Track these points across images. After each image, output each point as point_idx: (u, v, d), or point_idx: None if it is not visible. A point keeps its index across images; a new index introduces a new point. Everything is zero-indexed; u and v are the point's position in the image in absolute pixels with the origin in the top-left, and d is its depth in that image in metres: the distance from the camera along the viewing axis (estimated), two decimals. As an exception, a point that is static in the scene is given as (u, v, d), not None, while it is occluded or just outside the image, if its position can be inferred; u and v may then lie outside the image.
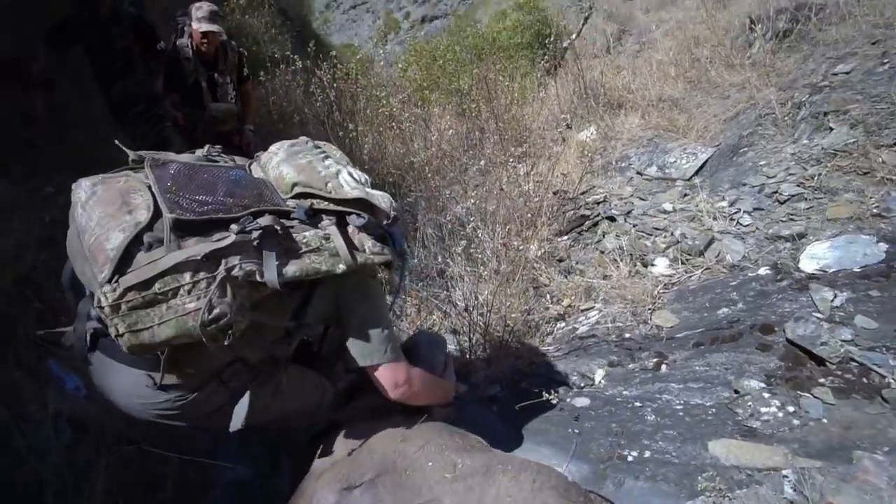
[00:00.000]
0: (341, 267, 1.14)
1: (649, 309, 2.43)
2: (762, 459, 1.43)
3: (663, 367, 2.06)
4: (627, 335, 2.34)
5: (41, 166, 2.71)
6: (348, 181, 1.23)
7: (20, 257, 1.94)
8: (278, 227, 1.11)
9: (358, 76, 5.02)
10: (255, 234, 1.07)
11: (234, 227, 1.08)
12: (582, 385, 2.10)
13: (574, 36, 6.48)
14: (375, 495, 1.20)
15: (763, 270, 2.39)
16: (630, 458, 1.58)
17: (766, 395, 1.64)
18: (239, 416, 1.20)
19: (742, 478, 1.38)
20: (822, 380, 1.64)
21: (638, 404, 1.84)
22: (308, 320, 1.26)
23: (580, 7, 7.34)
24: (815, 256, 2.30)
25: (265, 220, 1.10)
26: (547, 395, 2.05)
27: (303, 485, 1.34)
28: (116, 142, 1.34)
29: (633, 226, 3.16)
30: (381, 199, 1.25)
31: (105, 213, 1.06)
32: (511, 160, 3.57)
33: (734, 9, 5.10)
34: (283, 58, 4.88)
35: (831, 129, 3.02)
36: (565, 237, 3.38)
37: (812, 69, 3.65)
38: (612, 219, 3.32)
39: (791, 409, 1.57)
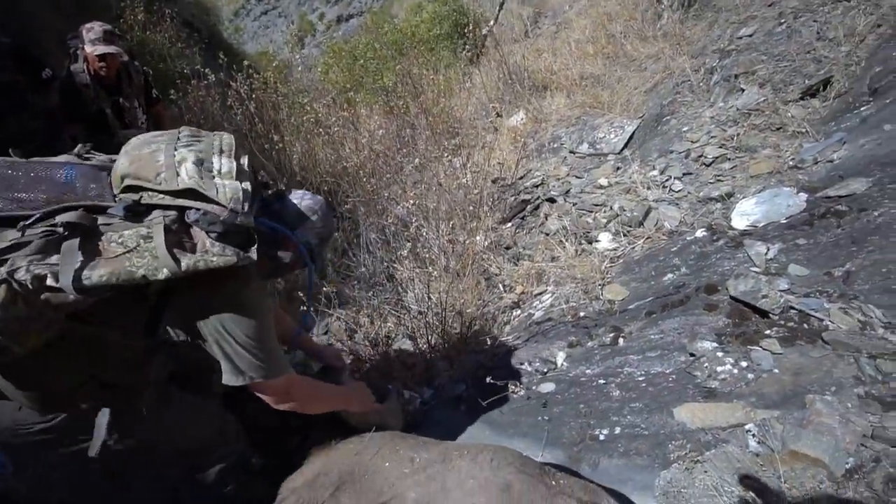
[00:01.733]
0: (164, 272, 0.96)
1: (599, 285, 2.47)
2: (725, 418, 1.46)
3: (620, 340, 2.09)
4: (582, 314, 2.36)
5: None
6: (187, 170, 1.05)
7: None
8: (86, 224, 0.96)
9: (277, 84, 4.82)
10: (56, 231, 0.94)
11: (21, 223, 0.95)
12: (545, 370, 2.10)
13: (492, 23, 6.52)
14: None
15: (700, 233, 2.48)
16: (602, 437, 1.59)
17: (720, 354, 1.69)
18: (96, 441, 1.09)
19: (709, 439, 1.41)
20: (767, 331, 1.71)
21: (602, 381, 1.85)
22: (163, 337, 1.12)
23: (494, -7, 7.41)
24: (745, 213, 2.41)
25: (66, 216, 0.96)
26: (513, 387, 2.03)
27: None
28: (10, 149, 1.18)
29: (574, 204, 3.20)
30: (222, 189, 1.05)
31: None
32: (445, 154, 3.53)
33: (640, -17, 5.31)
34: (193, 72, 4.61)
35: (743, 90, 3.18)
36: (509, 224, 3.39)
37: (719, 35, 3.83)
38: (552, 200, 3.35)
39: (744, 364, 1.62)
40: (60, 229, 0.94)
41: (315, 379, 1.75)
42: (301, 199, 1.36)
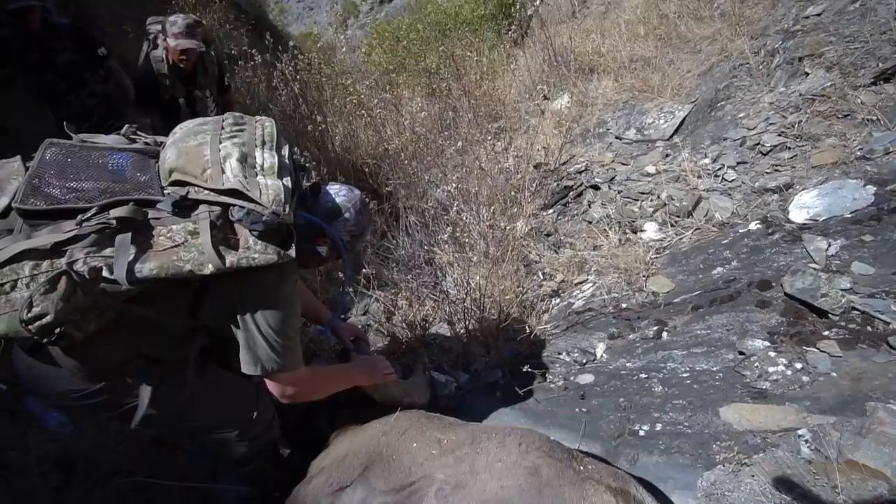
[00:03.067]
0: (209, 267, 1.00)
1: (643, 276, 2.39)
2: (776, 421, 1.40)
3: (664, 334, 2.03)
4: (624, 305, 2.30)
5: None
6: (232, 167, 1.07)
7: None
8: (139, 218, 1.00)
9: (321, 65, 4.84)
10: (109, 225, 0.97)
11: (80, 217, 0.98)
12: (584, 361, 2.06)
13: (538, 2, 6.33)
14: (368, 486, 1.17)
15: (754, 225, 2.36)
16: (642, 433, 1.55)
17: (772, 353, 1.62)
18: (138, 412, 1.15)
19: (757, 442, 1.36)
20: (826, 332, 1.62)
21: (643, 376, 1.80)
22: (203, 321, 1.16)
23: (541, -28, 7.17)
24: (805, 206, 2.28)
25: (119, 211, 0.99)
26: (550, 377, 2.01)
27: (294, 491, 1.29)
28: (64, 123, 1.25)
29: (618, 192, 3.11)
30: (266, 188, 1.07)
31: None
32: (488, 137, 3.48)
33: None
34: (240, 53, 4.68)
35: (807, 74, 2.98)
36: (551, 210, 3.32)
37: (782, 14, 3.59)
38: (596, 187, 3.27)
39: (798, 365, 1.54)
40: (114, 223, 0.97)
41: (320, 364, 1.78)
42: (337, 193, 1.38)
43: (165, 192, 1.08)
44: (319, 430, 1.64)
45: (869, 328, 1.58)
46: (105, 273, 0.94)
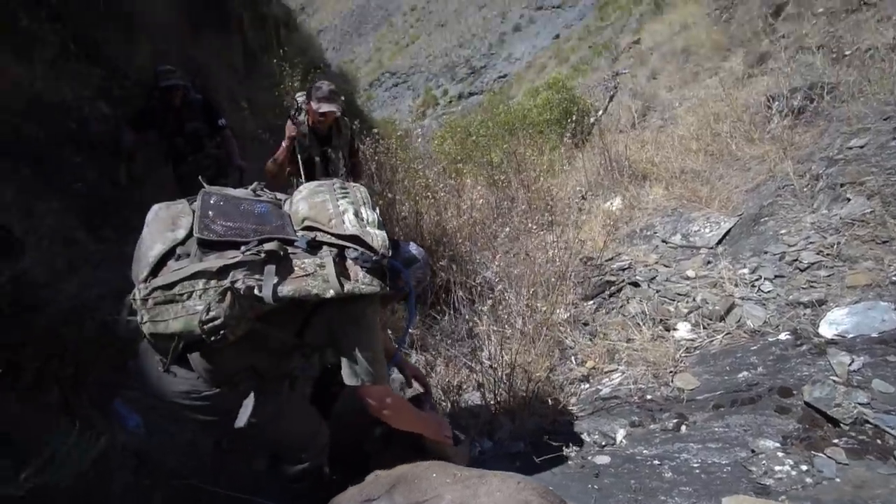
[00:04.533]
0: (330, 292, 1.31)
1: (671, 371, 2.50)
2: (775, 516, 1.47)
3: (683, 427, 2.11)
4: (649, 397, 2.40)
5: (120, 225, 3.10)
6: (350, 220, 1.43)
7: (101, 307, 2.23)
8: (281, 252, 1.33)
9: (398, 150, 5.46)
10: (261, 255, 1.30)
11: (243, 248, 1.32)
12: (603, 444, 2.17)
13: (600, 112, 6.87)
14: (391, 500, 1.36)
15: (783, 335, 2.45)
16: (647, 513, 1.64)
17: (780, 454, 1.69)
18: (243, 415, 1.39)
19: (754, 533, 1.43)
20: (836, 440, 1.68)
21: (657, 462, 1.90)
22: (308, 339, 1.45)
23: (606, 86, 7.82)
24: (835, 322, 2.36)
25: (270, 246, 1.32)
26: (568, 453, 2.12)
27: (331, 500, 1.49)
28: (200, 178, 1.66)
29: (657, 291, 3.26)
30: (375, 237, 1.42)
31: (157, 229, 1.38)
32: (539, 228, 3.78)
33: (752, 88, 5.38)
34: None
35: (848, 199, 3.13)
36: (591, 302, 3.50)
37: (828, 143, 3.80)
38: (635, 284, 3.44)
39: (804, 467, 1.61)
40: (265, 255, 1.31)
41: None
42: (410, 247, 1.75)
43: (299, 233, 1.44)
44: (366, 458, 1.85)
45: (878, 441, 1.64)
46: (256, 291, 1.27)
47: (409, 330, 1.96)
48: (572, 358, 2.91)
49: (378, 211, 1.58)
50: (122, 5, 4.83)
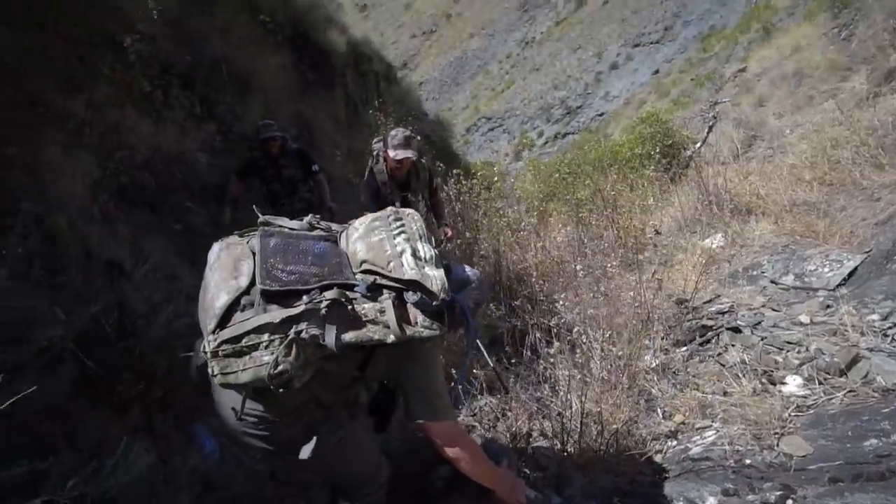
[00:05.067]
0: (391, 338, 1.33)
1: (776, 433, 2.15)
2: None
3: (789, 502, 1.79)
4: (748, 461, 2.08)
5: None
6: (408, 262, 1.42)
7: (191, 334, 2.42)
8: (343, 300, 1.33)
9: (481, 190, 5.50)
10: (323, 305, 1.31)
11: (304, 298, 1.33)
12: (689, 512, 1.89)
13: (699, 145, 6.44)
14: None
15: (925, 397, 2.02)
16: None
17: (917, 547, 1.35)
18: (307, 448, 1.40)
19: None
20: None
21: (753, 542, 1.61)
22: (368, 374, 1.46)
23: (704, 117, 7.33)
24: None
25: (331, 294, 1.33)
26: (646, 519, 1.88)
27: None
28: (254, 208, 1.73)
29: (762, 338, 2.88)
30: (434, 281, 1.40)
31: (221, 276, 1.41)
32: (623, 267, 3.55)
33: (879, 108, 4.72)
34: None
35: None
36: (683, 348, 3.17)
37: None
38: (736, 330, 3.06)
39: (951, 569, 1.27)
40: (328, 302, 1.33)
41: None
42: (463, 269, 1.71)
43: (357, 276, 1.45)
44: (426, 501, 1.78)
45: None
46: (319, 340, 1.30)
47: (468, 357, 1.90)
48: (658, 410, 2.62)
49: (434, 242, 1.56)
50: (242, 72, 5.51)
